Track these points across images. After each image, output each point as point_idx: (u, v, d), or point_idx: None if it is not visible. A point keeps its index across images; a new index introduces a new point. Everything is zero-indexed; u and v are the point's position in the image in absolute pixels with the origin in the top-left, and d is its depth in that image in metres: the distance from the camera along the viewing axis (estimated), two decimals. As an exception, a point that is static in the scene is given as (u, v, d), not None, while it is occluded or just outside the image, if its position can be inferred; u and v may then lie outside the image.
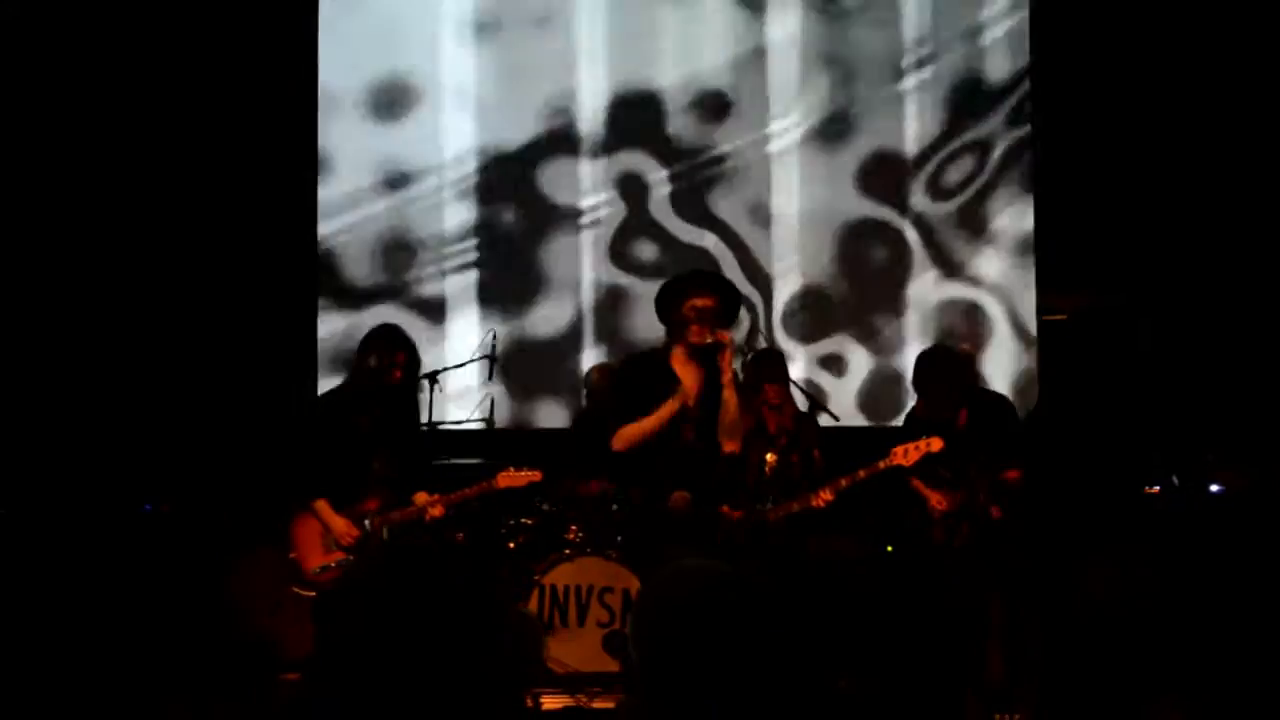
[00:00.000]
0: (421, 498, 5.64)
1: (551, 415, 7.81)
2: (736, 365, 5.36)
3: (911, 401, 7.83)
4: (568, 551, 6.07)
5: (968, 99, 7.99)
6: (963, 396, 6.16)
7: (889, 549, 6.65)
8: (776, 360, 6.34)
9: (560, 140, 7.95)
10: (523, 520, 6.41)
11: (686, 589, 2.11)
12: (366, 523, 5.57)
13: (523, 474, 5.71)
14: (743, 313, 7.65)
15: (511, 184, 7.93)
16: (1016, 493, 5.98)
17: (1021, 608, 5.75)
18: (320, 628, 5.16)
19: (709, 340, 5.05)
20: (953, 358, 6.40)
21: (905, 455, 5.73)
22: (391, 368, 5.58)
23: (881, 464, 5.75)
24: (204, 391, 7.48)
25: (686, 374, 5.16)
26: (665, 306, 5.22)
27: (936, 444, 5.74)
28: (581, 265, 7.95)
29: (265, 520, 6.05)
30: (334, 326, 7.83)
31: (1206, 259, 7.67)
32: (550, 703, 5.63)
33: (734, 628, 2.05)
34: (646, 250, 7.93)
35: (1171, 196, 7.70)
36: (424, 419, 6.34)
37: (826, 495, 5.78)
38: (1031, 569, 5.77)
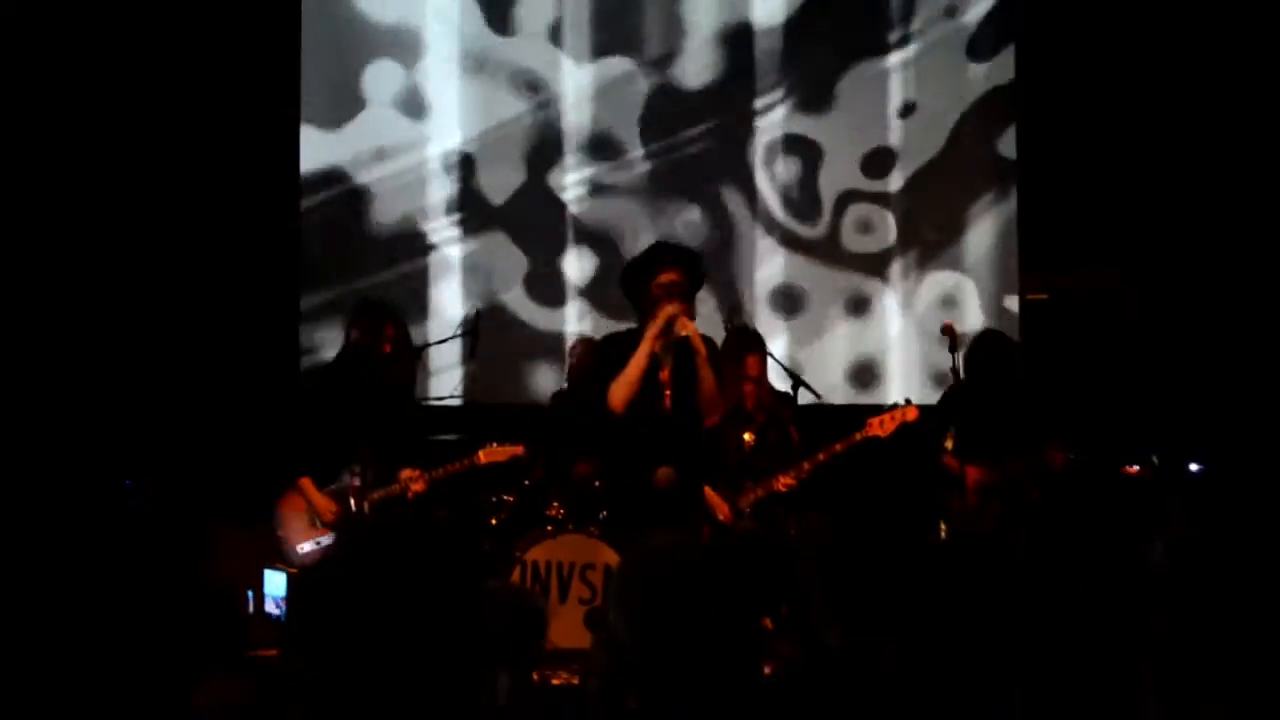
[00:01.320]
0: (407, 474, 5.64)
1: (532, 391, 7.80)
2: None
3: (892, 383, 7.88)
4: (549, 528, 6.06)
5: (951, 76, 7.97)
6: (1012, 375, 6.21)
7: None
8: (754, 336, 6.37)
9: (544, 112, 7.91)
10: (504, 497, 6.40)
11: (664, 564, 2.12)
12: (351, 500, 5.57)
13: (505, 448, 5.76)
14: (724, 290, 7.68)
15: (494, 158, 7.90)
16: (1059, 475, 6.01)
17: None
18: (297, 606, 5.15)
19: (680, 335, 5.07)
20: (1006, 340, 6.45)
21: (881, 426, 5.78)
22: (380, 340, 5.57)
23: (858, 435, 5.80)
24: (185, 369, 7.44)
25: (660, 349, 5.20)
26: (633, 286, 5.23)
27: (912, 413, 5.80)
28: (566, 240, 7.92)
29: (248, 497, 6.04)
30: (314, 302, 7.80)
31: (1191, 238, 7.69)
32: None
33: (712, 602, 2.06)
34: (630, 225, 7.90)
35: (1154, 177, 7.71)
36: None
37: (788, 480, 5.80)
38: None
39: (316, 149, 7.82)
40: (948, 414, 6.10)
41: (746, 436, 6.05)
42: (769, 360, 6.28)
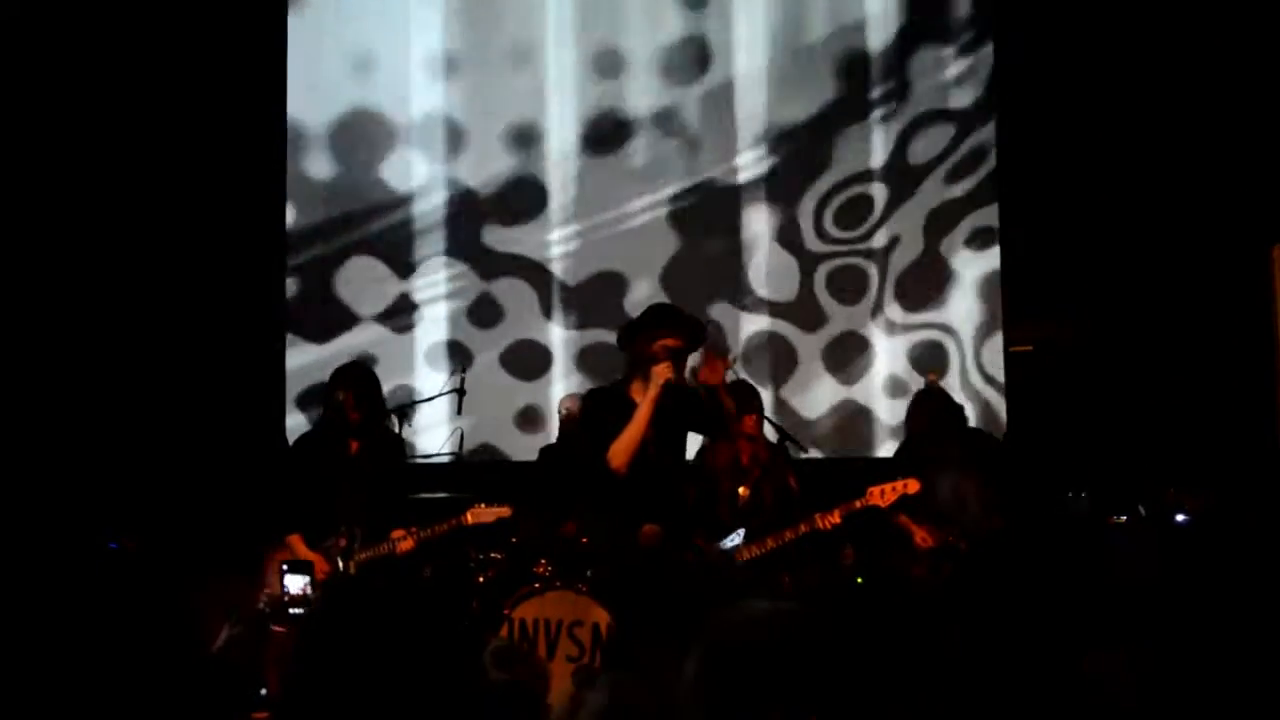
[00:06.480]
0: (396, 534, 5.67)
1: (520, 448, 7.79)
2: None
3: (879, 436, 7.89)
4: (537, 585, 6.04)
5: (933, 130, 8.04)
6: (957, 437, 6.23)
7: (859, 580, 6.65)
8: (751, 392, 6.39)
9: (530, 170, 7.97)
10: (491, 554, 6.39)
11: (758, 633, 2.10)
12: (338, 559, 5.60)
13: (492, 510, 5.77)
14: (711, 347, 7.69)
15: (481, 216, 7.94)
16: (990, 538, 6.04)
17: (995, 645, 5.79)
18: (287, 667, 5.11)
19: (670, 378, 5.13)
20: (948, 399, 6.49)
21: (882, 496, 5.75)
22: (346, 407, 5.65)
23: (858, 503, 5.78)
24: (171, 426, 7.42)
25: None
26: (633, 341, 5.30)
27: (914, 486, 5.76)
28: (551, 296, 7.95)
29: (234, 555, 6.03)
30: (301, 360, 7.81)
31: (1171, 289, 7.74)
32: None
33: (807, 670, 2.05)
34: (613, 282, 7.93)
35: (1137, 228, 7.77)
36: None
37: (782, 539, 5.81)
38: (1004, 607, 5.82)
39: (304, 202, 7.86)
40: (901, 469, 6.09)
41: (741, 491, 6.06)
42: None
